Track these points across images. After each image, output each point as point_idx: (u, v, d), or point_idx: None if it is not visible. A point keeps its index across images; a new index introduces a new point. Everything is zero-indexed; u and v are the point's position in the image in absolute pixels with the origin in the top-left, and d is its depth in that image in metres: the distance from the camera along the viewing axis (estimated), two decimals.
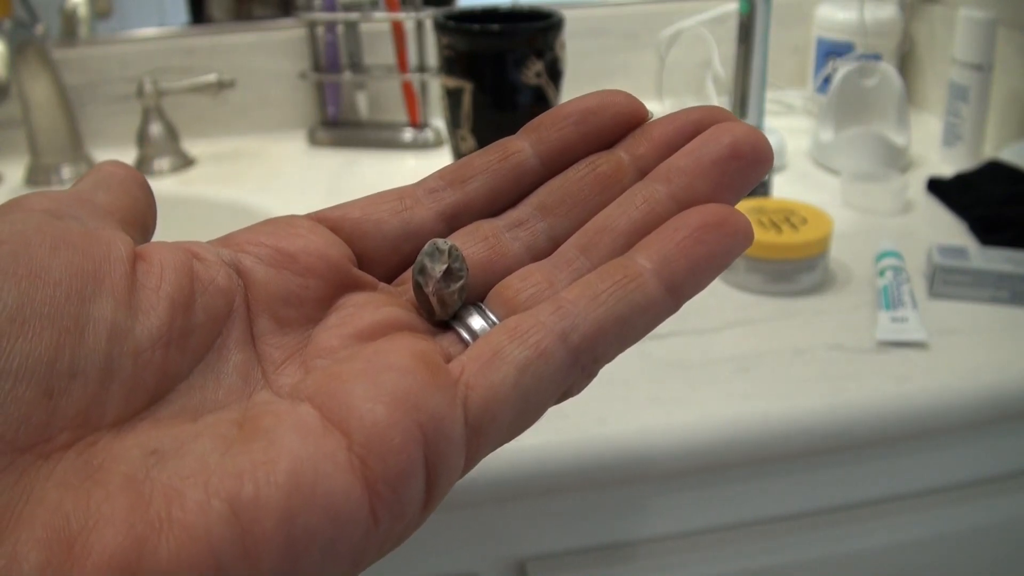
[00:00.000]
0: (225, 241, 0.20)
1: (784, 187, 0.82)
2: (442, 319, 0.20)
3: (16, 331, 0.15)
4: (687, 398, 0.53)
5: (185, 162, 0.90)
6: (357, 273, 0.21)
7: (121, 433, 0.16)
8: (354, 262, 0.21)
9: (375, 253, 0.21)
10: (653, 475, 0.51)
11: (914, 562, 0.59)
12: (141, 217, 0.21)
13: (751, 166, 0.20)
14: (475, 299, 0.21)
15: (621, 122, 0.22)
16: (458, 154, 0.72)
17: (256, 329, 0.19)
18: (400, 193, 0.22)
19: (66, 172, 0.87)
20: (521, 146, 0.22)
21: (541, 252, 0.22)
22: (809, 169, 0.87)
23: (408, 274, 0.22)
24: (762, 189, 0.76)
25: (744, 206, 0.72)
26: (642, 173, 0.22)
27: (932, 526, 0.58)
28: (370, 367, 0.17)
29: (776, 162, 0.85)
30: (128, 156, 0.90)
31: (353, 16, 0.92)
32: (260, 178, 0.87)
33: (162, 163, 0.89)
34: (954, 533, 0.59)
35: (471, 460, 0.18)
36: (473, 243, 0.21)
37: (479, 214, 0.22)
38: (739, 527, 0.56)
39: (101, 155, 0.92)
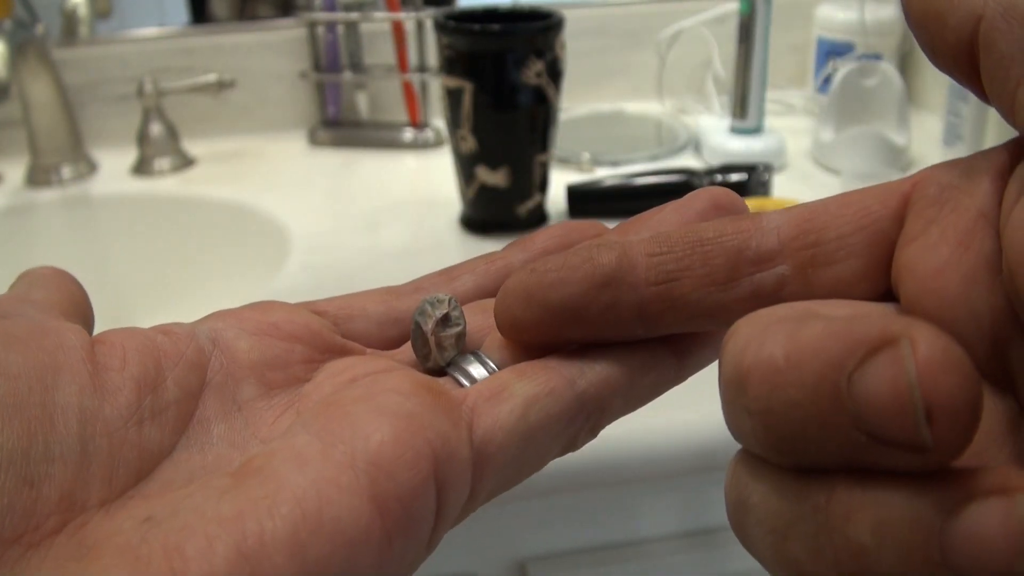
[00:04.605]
0: (206, 318, 0.20)
1: (785, 187, 0.82)
2: (437, 364, 0.20)
3: None
4: (687, 398, 0.53)
5: (185, 162, 0.90)
6: (343, 340, 0.21)
7: (111, 512, 0.16)
8: (339, 335, 0.21)
9: (361, 334, 0.22)
10: (653, 475, 0.51)
11: None
12: (79, 309, 0.21)
13: (731, 214, 0.21)
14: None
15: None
16: (458, 154, 0.72)
17: (242, 396, 0.19)
18: (387, 289, 0.23)
19: (66, 172, 0.87)
20: (507, 254, 0.23)
21: None
22: (810, 169, 0.87)
23: (404, 345, 0.22)
24: (763, 189, 0.76)
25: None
26: None
27: None
28: (370, 392, 0.17)
29: (777, 162, 0.85)
30: (128, 156, 0.90)
31: (353, 16, 0.92)
32: (260, 178, 0.87)
33: (162, 163, 0.89)
34: None
35: (475, 492, 0.18)
36: (474, 313, 0.22)
37: None
38: None
39: (101, 155, 0.92)
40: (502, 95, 0.67)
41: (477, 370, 0.20)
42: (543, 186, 0.73)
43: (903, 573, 0.12)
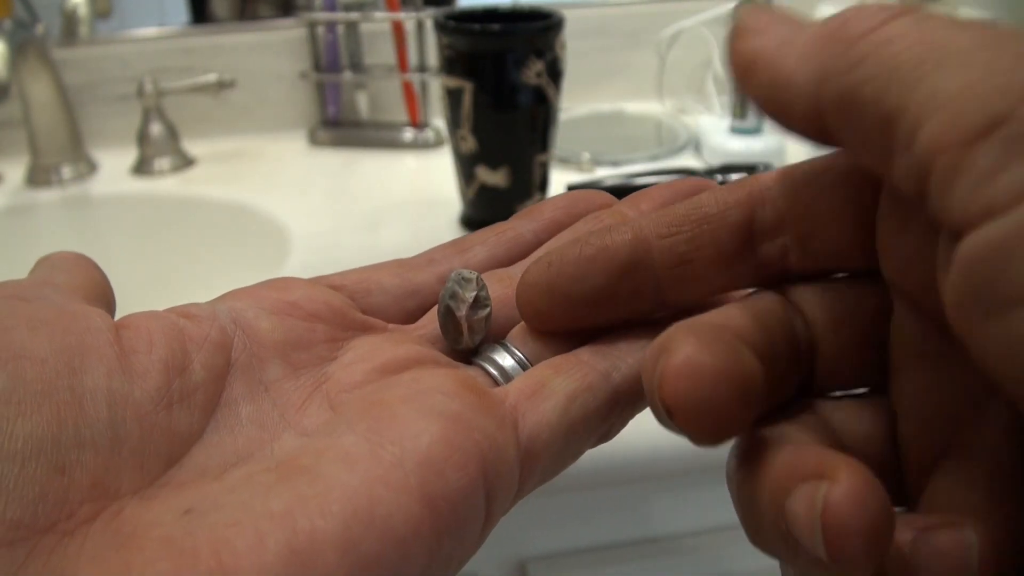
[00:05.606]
0: (223, 298, 0.20)
1: None
2: (468, 347, 0.20)
3: (13, 412, 0.15)
4: None
5: (185, 162, 0.90)
6: (364, 317, 0.21)
7: (145, 500, 0.15)
8: (359, 311, 0.21)
9: (379, 309, 0.22)
10: (653, 475, 0.51)
11: None
12: (102, 293, 0.21)
13: None
14: (495, 337, 0.21)
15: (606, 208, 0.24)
16: (458, 154, 0.72)
17: (267, 376, 0.19)
18: (399, 262, 0.23)
19: (66, 172, 0.87)
20: (514, 224, 0.24)
21: None
22: None
23: (423, 318, 0.22)
24: None
25: None
26: None
27: None
28: (413, 392, 0.17)
29: (777, 162, 0.85)
30: (128, 156, 0.90)
31: (353, 16, 0.92)
32: (260, 178, 0.87)
33: (162, 163, 0.89)
34: None
35: (522, 488, 0.18)
36: (491, 283, 0.22)
37: None
38: (739, 527, 0.56)
39: (101, 155, 0.92)
40: (502, 95, 0.67)
41: (506, 360, 0.20)
42: (543, 186, 0.73)
43: None
